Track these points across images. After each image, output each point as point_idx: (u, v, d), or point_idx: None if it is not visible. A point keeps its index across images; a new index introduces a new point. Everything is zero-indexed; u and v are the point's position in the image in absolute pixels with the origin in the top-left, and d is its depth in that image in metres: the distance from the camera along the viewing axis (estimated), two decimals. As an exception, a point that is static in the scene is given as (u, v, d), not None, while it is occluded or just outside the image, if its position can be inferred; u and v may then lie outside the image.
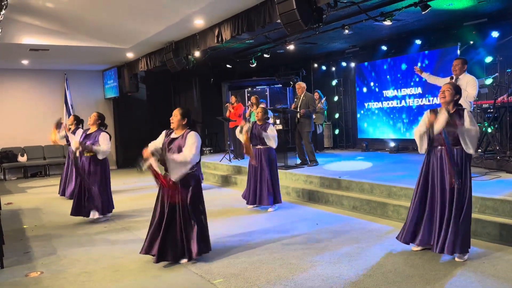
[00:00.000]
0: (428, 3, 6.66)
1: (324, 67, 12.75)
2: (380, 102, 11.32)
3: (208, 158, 11.59)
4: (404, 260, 4.10)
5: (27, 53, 10.42)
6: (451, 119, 3.93)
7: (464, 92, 5.11)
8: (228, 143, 11.27)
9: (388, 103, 11.10)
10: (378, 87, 11.33)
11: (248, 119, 7.21)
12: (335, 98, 12.52)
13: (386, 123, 11.16)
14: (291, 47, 9.71)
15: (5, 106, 12.61)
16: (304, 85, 9.07)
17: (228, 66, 11.86)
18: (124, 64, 12.51)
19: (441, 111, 4.03)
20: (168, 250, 4.22)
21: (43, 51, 10.31)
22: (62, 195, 8.62)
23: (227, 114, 10.84)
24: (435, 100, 9.72)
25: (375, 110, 11.47)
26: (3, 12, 6.69)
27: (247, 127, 6.57)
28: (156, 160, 4.19)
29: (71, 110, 13.00)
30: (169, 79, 14.40)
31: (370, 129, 11.67)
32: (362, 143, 11.32)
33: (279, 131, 8.39)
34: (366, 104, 11.74)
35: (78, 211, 6.29)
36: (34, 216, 7.10)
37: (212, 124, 13.16)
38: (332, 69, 12.49)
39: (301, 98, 8.85)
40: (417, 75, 8.66)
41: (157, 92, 14.43)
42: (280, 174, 7.19)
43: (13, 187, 10.80)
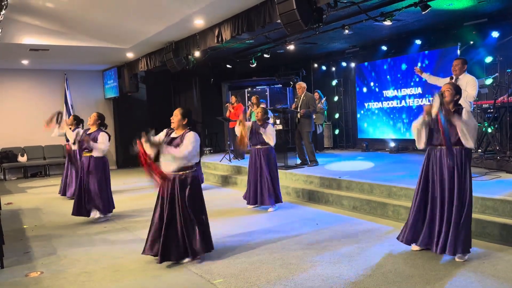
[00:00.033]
0: (428, 3, 6.66)
1: (324, 67, 12.75)
2: (380, 102, 11.32)
3: (208, 158, 11.59)
4: (404, 260, 4.10)
5: (27, 53, 10.42)
6: (448, 112, 3.96)
7: (464, 92, 5.11)
8: (228, 143, 11.27)
9: (388, 103, 11.10)
10: (378, 87, 11.33)
11: (248, 119, 7.22)
12: (335, 98, 12.52)
13: (386, 123, 11.16)
14: (291, 47, 9.71)
15: (5, 106, 12.62)
16: (304, 85, 9.07)
17: (228, 66, 11.86)
18: (124, 64, 12.51)
19: (434, 97, 4.06)
20: (170, 250, 4.22)
21: (43, 51, 10.31)
22: (63, 194, 8.63)
23: (227, 114, 10.84)
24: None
25: (375, 110, 11.47)
26: (3, 12, 6.69)
27: (242, 116, 6.58)
28: (150, 146, 4.17)
29: (71, 110, 12.99)
30: (169, 79, 14.40)
31: (370, 129, 11.67)
32: (362, 143, 11.31)
33: (279, 131, 8.40)
34: (366, 104, 11.73)
35: (79, 211, 6.31)
36: (34, 216, 7.11)
37: (212, 124, 13.16)
38: (332, 69, 12.49)
39: (301, 98, 8.85)
40: (417, 75, 8.65)
41: (157, 92, 14.43)
42: (280, 174, 7.19)
43: (13, 187, 10.80)
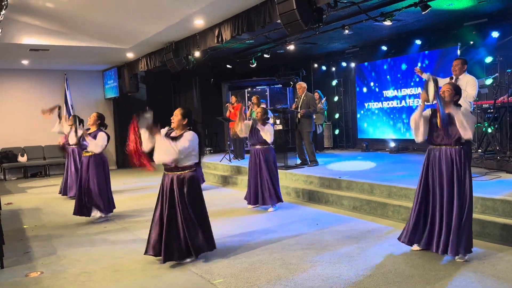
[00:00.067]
0: (428, 3, 6.66)
1: (324, 67, 12.74)
2: (380, 102, 11.31)
3: (208, 158, 11.58)
4: (404, 260, 4.10)
5: (27, 53, 10.42)
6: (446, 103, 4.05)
7: (464, 92, 5.11)
8: (228, 143, 11.27)
9: (388, 103, 11.10)
10: (378, 87, 11.33)
11: (248, 119, 7.24)
12: (335, 98, 12.52)
13: (386, 123, 11.16)
14: (291, 47, 9.71)
15: (5, 106, 12.61)
16: (304, 85, 9.07)
17: (228, 66, 11.86)
18: (124, 64, 12.51)
19: (427, 82, 4.15)
20: (173, 250, 4.22)
21: (43, 51, 10.31)
22: (64, 194, 8.63)
23: (227, 114, 10.84)
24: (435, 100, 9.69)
25: (375, 110, 11.47)
26: (3, 12, 6.69)
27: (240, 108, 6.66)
28: (147, 130, 4.19)
29: (71, 110, 12.99)
30: (169, 79, 14.40)
31: (370, 129, 11.67)
32: (362, 143, 11.31)
33: (279, 131, 8.40)
34: (366, 104, 11.73)
35: (80, 211, 6.34)
36: (34, 216, 7.11)
37: (212, 124, 13.14)
38: (332, 69, 12.49)
39: (301, 98, 8.84)
40: (417, 75, 8.66)
41: (157, 92, 14.42)
42: (280, 174, 7.19)
43: (13, 187, 10.80)
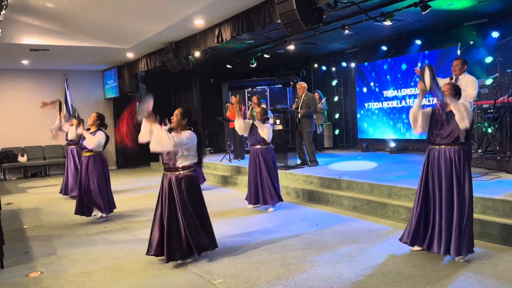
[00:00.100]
0: (428, 3, 6.66)
1: (324, 67, 12.74)
2: (380, 102, 11.31)
3: (208, 158, 11.56)
4: (404, 260, 4.10)
5: (27, 53, 10.42)
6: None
7: (463, 92, 5.11)
8: (228, 143, 11.27)
9: (388, 103, 11.10)
10: (378, 87, 11.33)
11: (249, 118, 7.25)
12: (335, 98, 12.52)
13: (386, 123, 11.16)
14: (291, 47, 9.71)
15: (5, 106, 12.61)
16: (305, 85, 9.07)
17: (228, 66, 11.86)
18: (124, 64, 12.51)
19: (423, 70, 4.25)
20: (175, 250, 4.23)
21: (43, 51, 10.31)
22: (65, 194, 8.62)
23: (227, 114, 10.83)
24: (435, 100, 9.69)
25: (375, 110, 11.47)
26: (3, 12, 6.69)
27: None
28: (147, 117, 4.15)
29: (71, 110, 12.97)
30: (169, 79, 14.39)
31: (370, 129, 11.67)
32: (362, 143, 11.31)
33: (279, 131, 8.40)
34: (366, 104, 11.73)
35: (81, 210, 6.36)
36: (34, 216, 7.11)
37: (212, 124, 13.14)
38: (332, 69, 12.49)
39: (302, 98, 8.84)
40: (417, 76, 8.63)
41: (157, 92, 14.20)
42: (280, 174, 7.19)
43: (13, 187, 10.80)
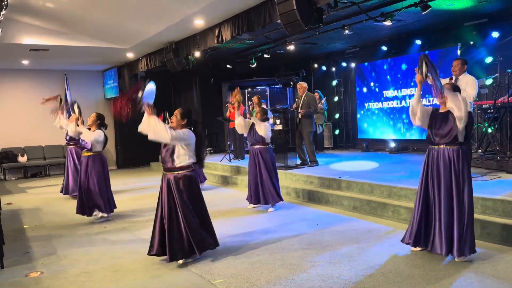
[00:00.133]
0: (428, 3, 6.66)
1: (324, 67, 12.74)
2: (380, 102, 11.31)
3: (208, 158, 11.56)
4: (404, 260, 4.10)
5: (27, 53, 10.42)
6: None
7: (463, 92, 5.11)
8: (228, 143, 11.27)
9: (388, 103, 11.09)
10: (378, 87, 11.32)
11: (249, 118, 7.28)
12: (335, 98, 12.52)
13: (386, 123, 11.15)
14: (291, 47, 9.71)
15: (5, 106, 12.61)
16: (305, 85, 9.06)
17: (228, 66, 11.86)
18: (124, 64, 12.51)
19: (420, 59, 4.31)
20: (177, 249, 4.23)
21: (43, 51, 10.31)
22: (66, 193, 8.62)
23: (227, 114, 10.83)
24: (435, 100, 9.70)
25: (375, 110, 11.47)
26: (3, 12, 6.69)
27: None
28: (147, 107, 4.26)
29: (71, 110, 12.97)
30: (169, 79, 14.35)
31: (370, 129, 11.67)
32: (362, 144, 11.30)
33: (279, 131, 8.40)
34: (366, 104, 11.73)
35: (82, 210, 6.37)
36: (34, 216, 7.11)
37: (212, 124, 13.14)
38: (332, 69, 12.49)
39: (302, 98, 8.84)
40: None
41: (157, 92, 14.28)
42: (280, 174, 7.19)
43: (13, 187, 10.80)
